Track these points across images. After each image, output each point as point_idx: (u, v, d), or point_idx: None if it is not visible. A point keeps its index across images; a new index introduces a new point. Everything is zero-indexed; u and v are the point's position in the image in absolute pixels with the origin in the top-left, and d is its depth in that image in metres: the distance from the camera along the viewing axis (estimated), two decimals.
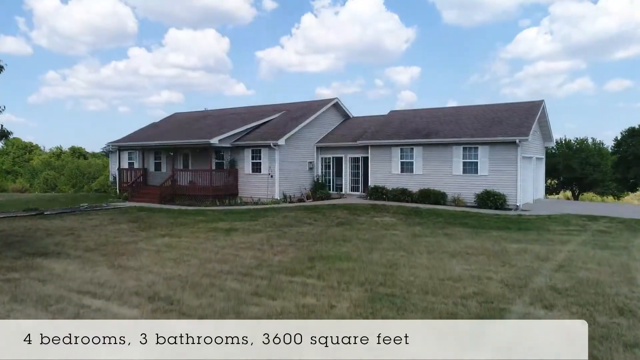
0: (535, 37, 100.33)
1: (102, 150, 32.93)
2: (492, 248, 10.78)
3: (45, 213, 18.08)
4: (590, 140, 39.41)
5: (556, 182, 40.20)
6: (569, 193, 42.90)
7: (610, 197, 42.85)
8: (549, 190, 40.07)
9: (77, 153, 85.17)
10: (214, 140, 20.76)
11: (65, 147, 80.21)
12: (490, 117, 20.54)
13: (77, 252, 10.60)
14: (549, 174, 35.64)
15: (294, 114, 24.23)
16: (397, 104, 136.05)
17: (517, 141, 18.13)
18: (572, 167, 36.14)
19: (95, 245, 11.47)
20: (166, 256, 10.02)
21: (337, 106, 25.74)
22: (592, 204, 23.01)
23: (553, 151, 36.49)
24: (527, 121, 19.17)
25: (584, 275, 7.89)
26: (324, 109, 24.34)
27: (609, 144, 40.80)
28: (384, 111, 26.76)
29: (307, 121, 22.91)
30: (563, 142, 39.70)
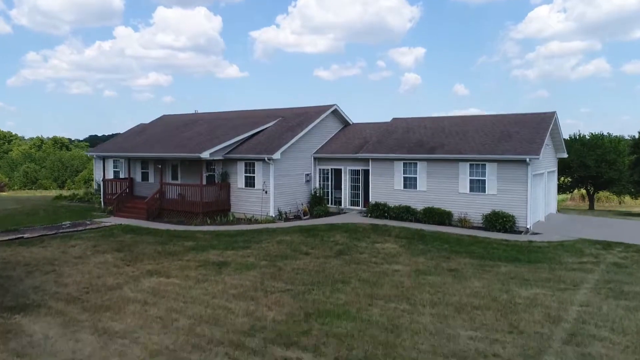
0: (548, 15, 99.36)
1: (87, 152, 32.72)
2: (499, 297, 10.83)
3: (25, 236, 18.05)
4: (606, 136, 39.23)
5: (570, 179, 40.11)
6: (583, 191, 42.91)
7: (627, 197, 42.90)
8: (562, 189, 39.99)
9: (60, 143, 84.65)
10: (205, 155, 20.62)
11: (47, 135, 79.58)
12: (498, 131, 20.38)
13: (59, 304, 10.62)
14: (562, 171, 35.47)
15: (290, 122, 24.00)
16: (401, 87, 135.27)
17: (528, 160, 18.02)
18: (586, 165, 36.04)
19: (78, 291, 11.48)
20: (153, 313, 10.01)
21: (336, 113, 25.47)
22: (607, 222, 22.94)
23: (566, 141, 36.17)
24: (538, 136, 19.02)
25: (596, 351, 7.90)
26: (322, 117, 24.08)
27: (625, 131, 40.62)
28: (386, 97, 26.57)
29: (304, 132, 22.69)
30: (577, 137, 39.50)
